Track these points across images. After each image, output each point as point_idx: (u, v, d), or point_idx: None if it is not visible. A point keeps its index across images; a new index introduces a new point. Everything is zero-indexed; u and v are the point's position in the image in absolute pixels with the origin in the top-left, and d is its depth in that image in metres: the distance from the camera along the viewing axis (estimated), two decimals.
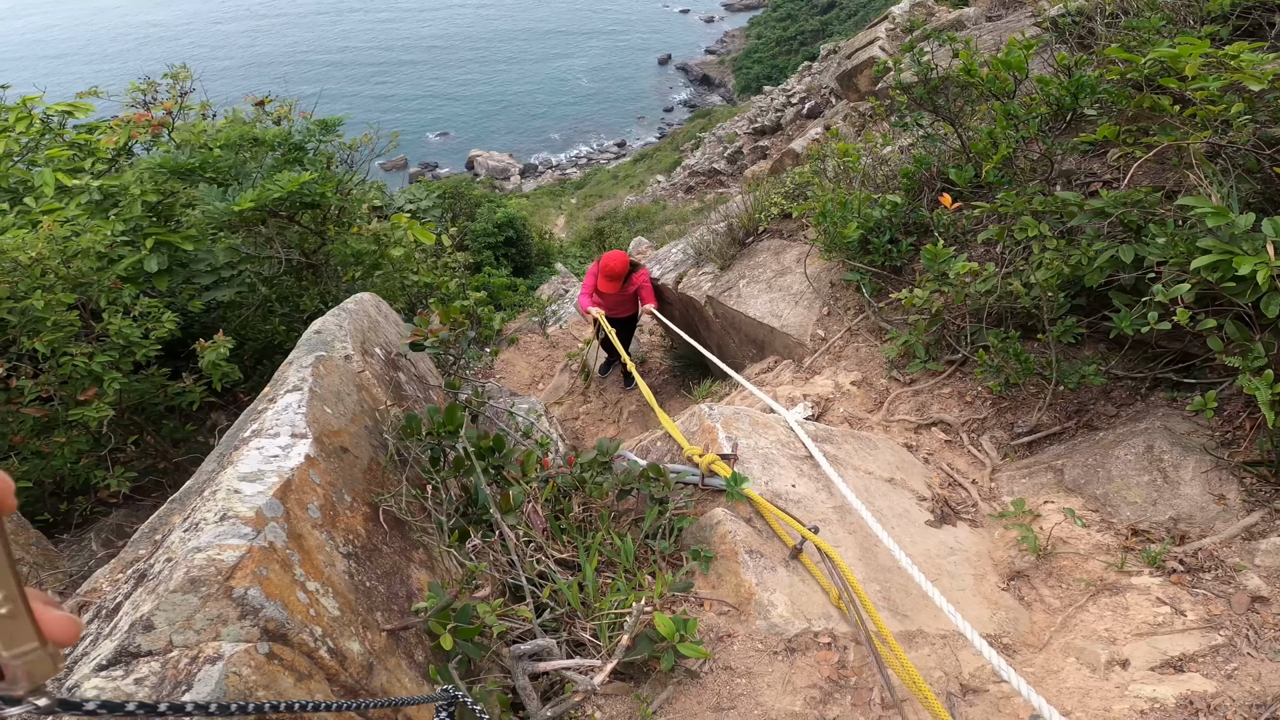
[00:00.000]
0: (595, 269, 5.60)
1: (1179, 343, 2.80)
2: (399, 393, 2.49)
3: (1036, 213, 3.03)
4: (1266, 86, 2.33)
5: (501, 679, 1.53)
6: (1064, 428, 3.21)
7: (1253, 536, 2.52)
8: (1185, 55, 2.51)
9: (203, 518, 1.18)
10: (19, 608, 0.51)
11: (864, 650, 2.16)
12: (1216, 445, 2.67)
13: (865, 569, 2.49)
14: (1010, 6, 7.67)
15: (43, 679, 0.52)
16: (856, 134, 9.59)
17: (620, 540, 2.20)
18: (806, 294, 4.60)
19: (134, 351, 3.48)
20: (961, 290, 3.20)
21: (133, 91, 4.71)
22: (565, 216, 24.02)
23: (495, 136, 43.68)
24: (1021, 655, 2.47)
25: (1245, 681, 2.18)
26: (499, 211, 12.95)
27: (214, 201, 3.68)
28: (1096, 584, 2.59)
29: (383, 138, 4.83)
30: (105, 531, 3.74)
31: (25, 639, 0.51)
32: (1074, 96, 3.21)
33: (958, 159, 4.04)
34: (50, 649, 0.52)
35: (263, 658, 1.03)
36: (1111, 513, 2.78)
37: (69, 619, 0.56)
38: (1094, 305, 3.09)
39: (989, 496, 3.15)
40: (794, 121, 19.44)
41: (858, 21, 38.74)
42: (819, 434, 3.11)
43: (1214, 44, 2.68)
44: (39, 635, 0.52)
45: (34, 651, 0.51)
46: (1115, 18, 3.83)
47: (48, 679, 0.53)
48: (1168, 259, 2.37)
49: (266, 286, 4.44)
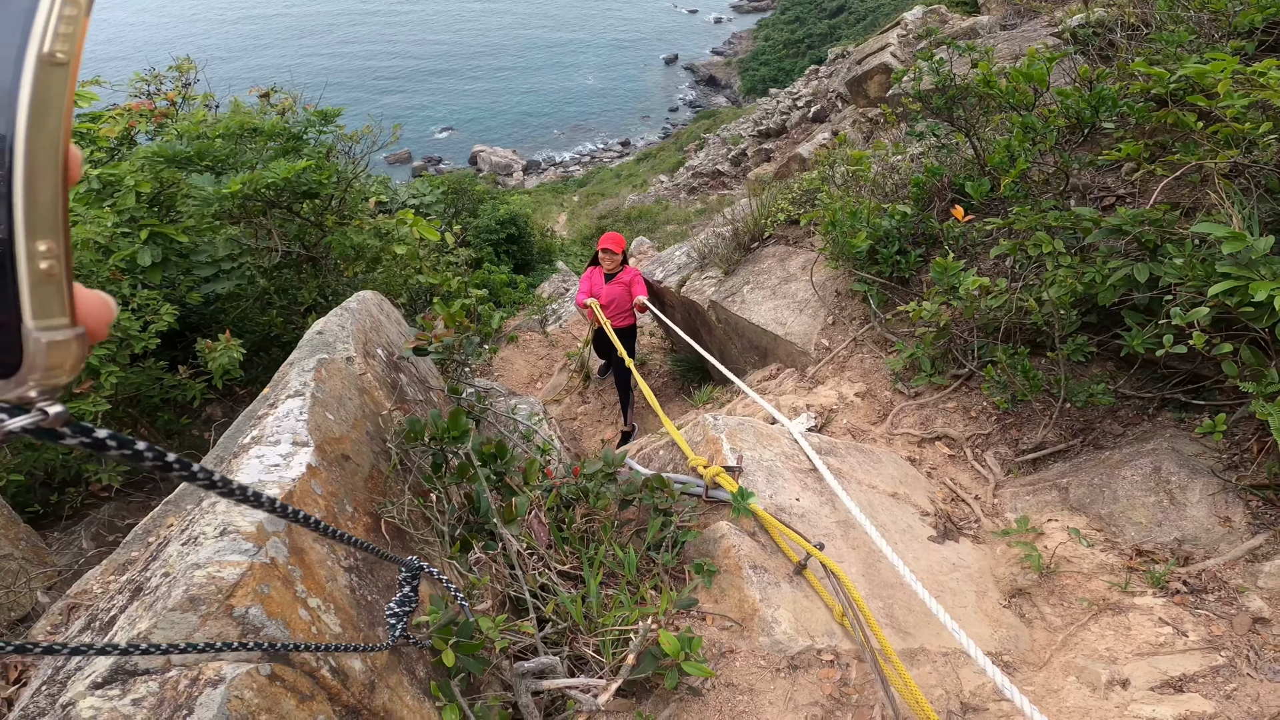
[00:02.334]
0: (590, 272, 5.69)
1: (1190, 364, 2.78)
2: (400, 395, 2.45)
3: (1050, 228, 2.99)
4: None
5: (503, 694, 1.50)
6: (1069, 446, 3.18)
7: (1256, 559, 2.51)
8: (1216, 72, 2.48)
9: (202, 531, 1.15)
10: (61, 267, 0.38)
11: (866, 668, 2.14)
12: (1223, 468, 2.65)
13: (868, 585, 2.46)
14: (1025, 15, 7.64)
15: (60, 375, 0.40)
16: (864, 140, 9.56)
17: (622, 552, 2.17)
18: (811, 302, 4.57)
19: (132, 344, 3.44)
20: (971, 305, 3.17)
21: (136, 82, 4.69)
22: (567, 214, 23.95)
23: (500, 133, 43.60)
24: (1022, 673, 2.45)
25: (1244, 702, 2.18)
26: (502, 208, 12.88)
27: (205, 187, 3.65)
28: (1099, 603, 2.58)
29: (384, 130, 4.79)
30: (95, 525, 3.70)
31: (58, 310, 0.39)
32: (1094, 110, 3.17)
33: (970, 170, 4.00)
34: (79, 332, 0.40)
35: (265, 679, 1.00)
36: (1116, 532, 2.76)
37: (104, 299, 0.43)
38: (1105, 323, 3.07)
39: (992, 513, 3.13)
40: (799, 125, 19.40)
41: (866, 26, 38.73)
42: (823, 446, 3.08)
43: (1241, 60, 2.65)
44: (71, 312, 0.39)
45: (63, 329, 0.39)
46: (1136, 30, 3.78)
47: (64, 377, 0.40)
48: (1184, 280, 2.34)
49: (265, 279, 4.40)
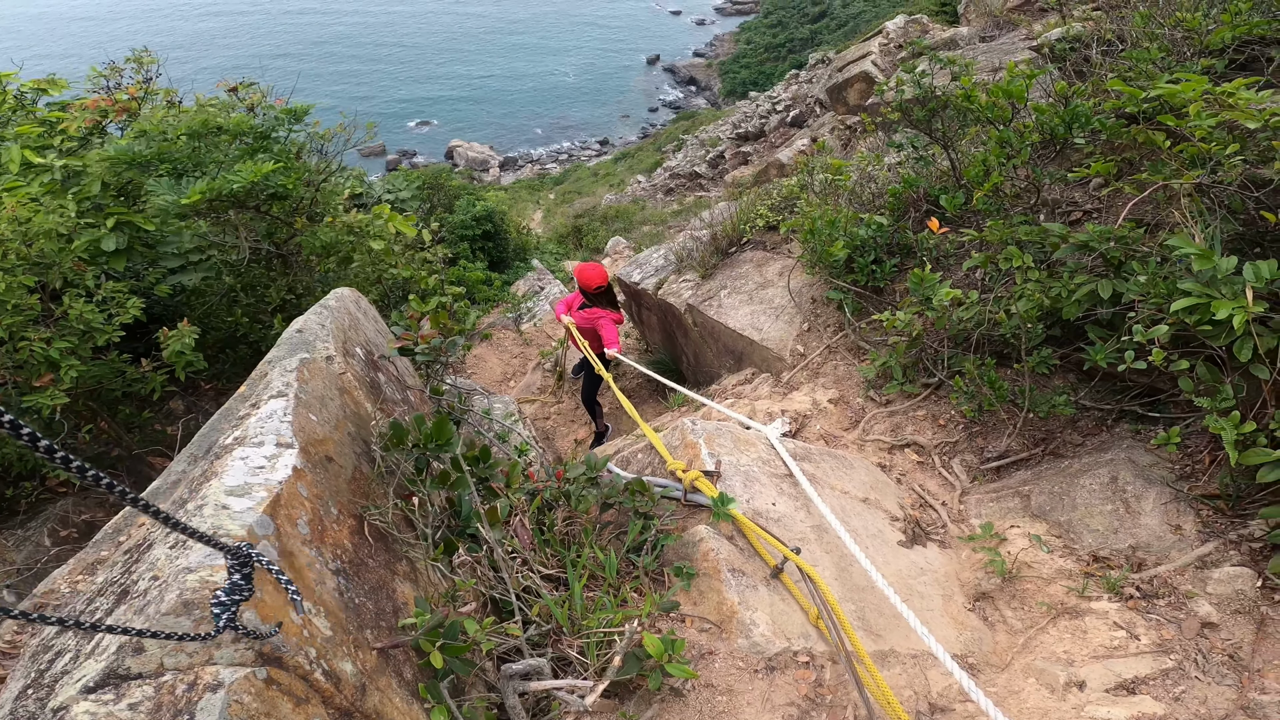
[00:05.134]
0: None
1: (1147, 377, 2.90)
2: (379, 395, 2.43)
3: (1021, 242, 3.10)
4: (1261, 125, 2.36)
5: (489, 696, 1.50)
6: (1031, 454, 3.30)
7: (1206, 565, 2.63)
8: (1186, 92, 2.55)
9: None
10: None
11: (840, 669, 2.20)
12: (1176, 478, 2.77)
13: (841, 588, 2.52)
14: (1003, 27, 7.85)
15: None
16: (843, 147, 9.73)
17: (603, 555, 2.19)
18: (788, 308, 4.64)
19: (94, 336, 3.33)
20: (944, 315, 3.26)
21: (95, 77, 4.49)
22: (543, 211, 23.79)
23: (477, 128, 43.10)
24: (985, 675, 2.53)
25: (1192, 704, 2.28)
26: (478, 205, 12.77)
27: (163, 194, 3.51)
28: (1057, 607, 2.67)
29: (359, 127, 4.67)
30: (52, 520, 3.58)
31: None
32: (1067, 126, 3.28)
33: (946, 182, 4.10)
34: None
35: (262, 684, 0.99)
36: (1074, 539, 2.88)
37: None
38: (1069, 337, 3.18)
39: (958, 518, 3.23)
40: (778, 129, 19.64)
41: (848, 32, 39.27)
42: (798, 452, 3.14)
43: (1211, 79, 2.72)
44: None
45: None
46: (1111, 45, 3.90)
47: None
48: (1146, 297, 2.44)
49: (233, 276, 4.28)
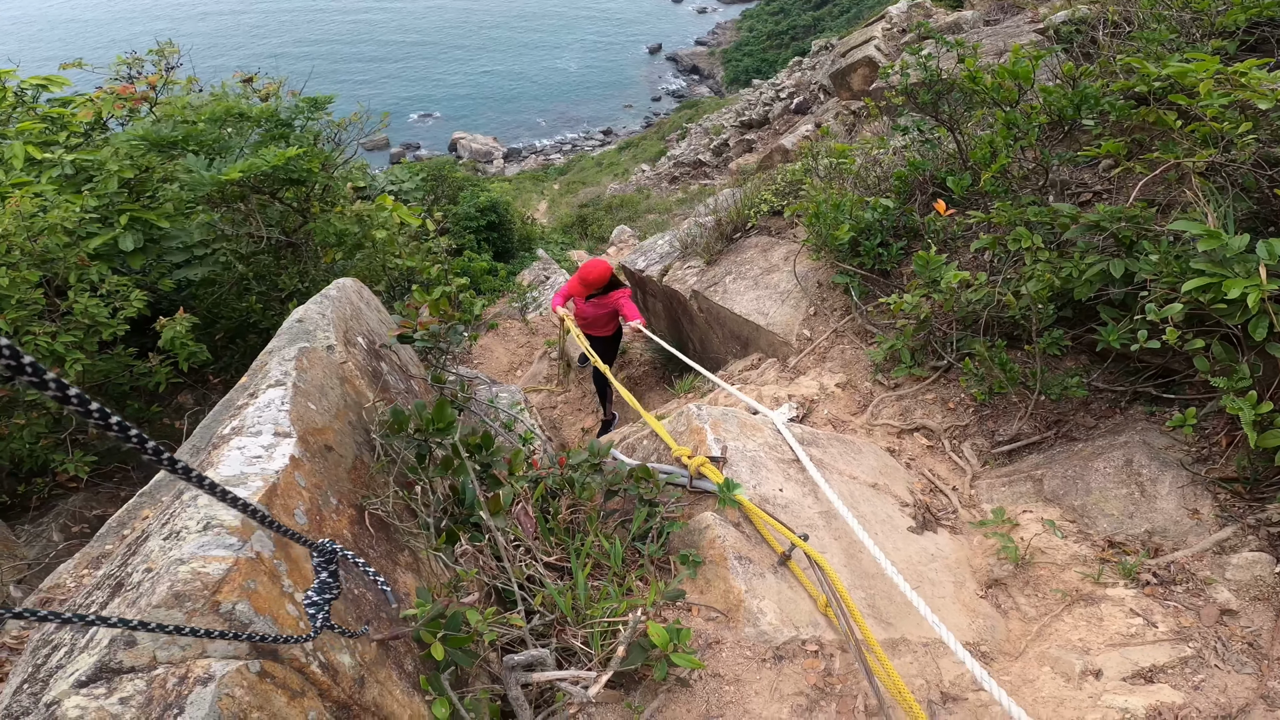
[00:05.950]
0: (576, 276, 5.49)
1: (1161, 358, 2.84)
2: (382, 384, 2.41)
3: (1030, 223, 3.03)
4: (1273, 105, 2.33)
5: (492, 687, 1.49)
6: (1043, 438, 3.25)
7: (1224, 551, 2.57)
8: (1199, 72, 2.51)
9: (184, 525, 1.12)
10: None
11: (849, 658, 2.17)
12: (1193, 461, 2.72)
13: (850, 575, 2.49)
14: (1008, 11, 7.72)
15: None
16: (847, 133, 9.61)
17: (608, 543, 2.17)
18: (794, 293, 4.59)
19: (100, 331, 3.34)
20: (952, 298, 3.21)
21: (118, 66, 4.56)
22: (547, 202, 23.74)
23: (480, 119, 42.98)
24: (999, 663, 2.50)
25: (1211, 693, 2.23)
26: (482, 195, 12.71)
27: (200, 170, 3.53)
28: (1072, 594, 2.63)
29: (372, 118, 4.73)
30: (63, 516, 3.60)
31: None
32: (1076, 108, 3.21)
33: (952, 165, 4.03)
34: None
35: (255, 677, 0.98)
36: (1089, 524, 2.82)
37: None
38: (1080, 317, 3.12)
39: (969, 504, 3.18)
40: (782, 116, 19.43)
41: (850, 18, 38.79)
42: (805, 437, 3.10)
43: (1222, 60, 2.68)
44: None
45: None
46: (1119, 27, 3.83)
47: None
48: (1159, 276, 2.38)
49: (243, 264, 4.31)
